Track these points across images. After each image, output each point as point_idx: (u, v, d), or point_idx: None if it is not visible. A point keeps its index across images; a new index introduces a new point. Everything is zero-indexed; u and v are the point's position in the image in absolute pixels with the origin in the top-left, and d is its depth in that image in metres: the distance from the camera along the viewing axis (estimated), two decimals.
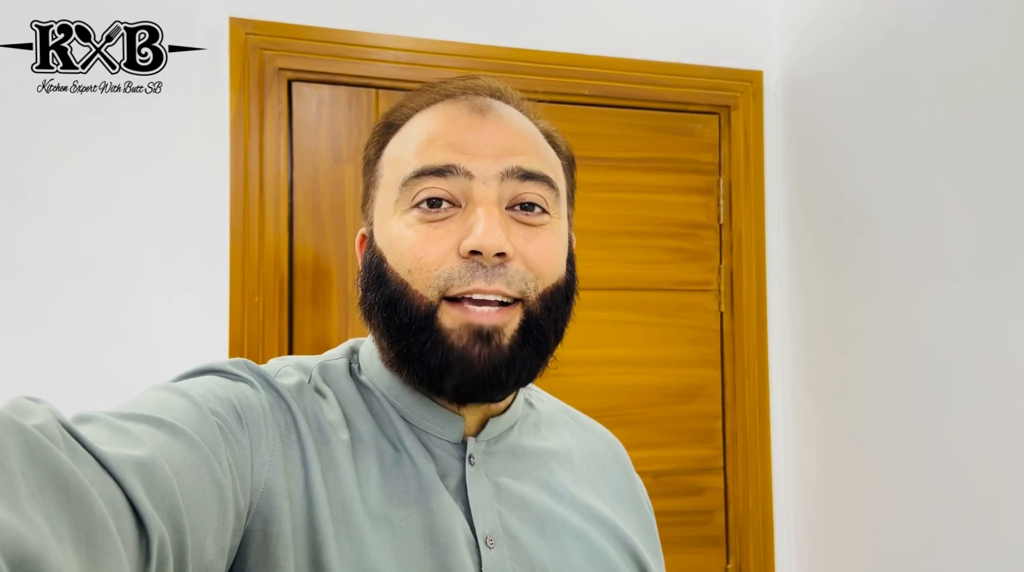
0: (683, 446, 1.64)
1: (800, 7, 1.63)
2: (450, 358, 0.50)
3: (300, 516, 0.48)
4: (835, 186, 1.51)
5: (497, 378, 0.51)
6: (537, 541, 0.56)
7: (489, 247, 0.50)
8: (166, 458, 0.39)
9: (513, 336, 0.52)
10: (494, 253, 0.50)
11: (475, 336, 0.50)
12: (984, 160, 1.15)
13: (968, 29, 1.17)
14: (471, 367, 0.50)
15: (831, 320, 1.52)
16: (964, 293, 1.18)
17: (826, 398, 1.54)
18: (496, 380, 0.51)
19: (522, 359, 0.52)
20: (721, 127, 1.70)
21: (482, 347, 0.50)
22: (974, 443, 1.16)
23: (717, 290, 1.69)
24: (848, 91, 1.47)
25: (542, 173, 0.55)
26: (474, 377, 0.51)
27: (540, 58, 1.56)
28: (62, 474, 0.31)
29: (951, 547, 1.20)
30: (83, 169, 1.32)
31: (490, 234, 0.50)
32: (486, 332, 0.50)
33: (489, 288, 0.50)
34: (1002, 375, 1.11)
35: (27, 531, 0.28)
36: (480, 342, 0.50)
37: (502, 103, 0.59)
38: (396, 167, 0.56)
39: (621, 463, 0.70)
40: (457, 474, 0.56)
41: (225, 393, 0.49)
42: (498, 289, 0.51)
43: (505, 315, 0.51)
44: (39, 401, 0.36)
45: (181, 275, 1.36)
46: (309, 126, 1.47)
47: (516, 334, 0.52)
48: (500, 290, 0.51)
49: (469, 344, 0.50)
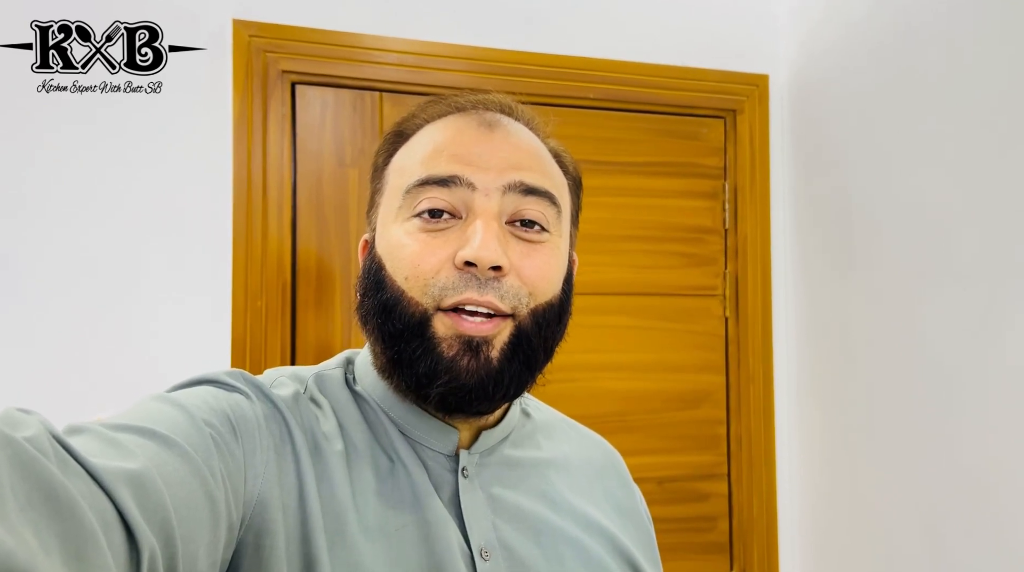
0: (687, 452, 1.63)
1: (806, 10, 1.62)
2: (438, 367, 0.51)
3: (294, 527, 0.48)
4: (841, 190, 1.50)
5: (483, 391, 0.51)
6: (533, 551, 0.55)
7: (484, 260, 0.50)
8: (158, 470, 0.38)
9: (503, 349, 0.52)
10: (489, 266, 0.50)
11: (464, 347, 0.50)
12: (992, 165, 1.14)
13: (977, 32, 1.16)
14: (458, 377, 0.50)
15: (837, 326, 1.51)
16: (972, 299, 1.17)
17: (831, 404, 1.53)
18: (482, 392, 0.51)
19: (511, 373, 0.52)
20: (727, 131, 1.69)
21: (471, 359, 0.50)
22: (981, 450, 1.15)
23: (722, 295, 1.68)
24: (854, 95, 1.46)
25: (545, 189, 0.55)
26: (460, 387, 0.51)
27: (545, 61, 1.56)
28: (52, 487, 0.31)
29: (957, 554, 1.19)
30: (83, 170, 1.32)
31: (486, 247, 0.50)
32: (476, 343, 0.51)
33: (481, 299, 0.50)
34: (1009, 382, 1.10)
35: (16, 545, 0.27)
36: (469, 353, 0.50)
37: (511, 119, 0.59)
38: (401, 175, 0.56)
39: (619, 472, 0.70)
40: (450, 486, 0.55)
41: (219, 404, 0.48)
42: (490, 301, 0.51)
43: (496, 326, 0.51)
44: (30, 413, 0.35)
45: (183, 278, 1.36)
46: (312, 129, 1.47)
47: (506, 347, 0.52)
48: (492, 302, 0.51)
49: (458, 355, 0.50)
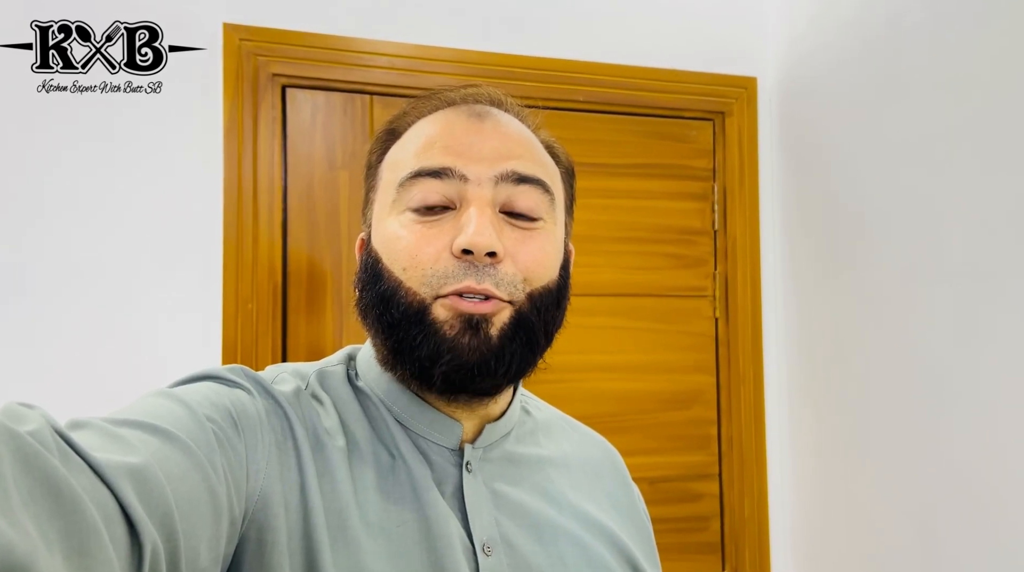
0: (678, 452, 1.64)
1: (794, 13, 1.64)
2: (441, 347, 0.51)
3: (295, 523, 0.48)
4: (830, 191, 1.52)
5: (486, 367, 0.51)
6: (534, 548, 0.56)
7: (480, 246, 0.50)
8: (160, 465, 0.38)
9: (503, 328, 0.52)
10: (484, 252, 0.51)
11: (465, 325, 0.51)
12: (982, 165, 1.15)
13: (964, 33, 1.18)
14: (460, 355, 0.51)
15: (827, 326, 1.52)
16: (961, 298, 1.18)
17: (822, 404, 1.54)
18: (485, 369, 0.51)
19: (512, 351, 0.52)
20: (715, 133, 1.71)
21: (472, 336, 0.51)
22: (972, 450, 1.16)
23: (712, 296, 1.69)
24: (843, 97, 1.48)
25: (537, 177, 0.55)
26: (463, 364, 0.51)
27: (535, 64, 1.57)
28: (54, 481, 0.31)
29: (949, 554, 1.20)
30: (83, 169, 1.32)
31: (480, 233, 0.51)
32: (476, 321, 0.51)
33: (479, 287, 0.51)
34: (1001, 383, 1.11)
35: (17, 539, 0.27)
36: (470, 331, 0.51)
37: (501, 111, 0.59)
38: (394, 170, 0.57)
39: (618, 470, 0.70)
40: (454, 481, 0.56)
41: (221, 399, 0.48)
42: (487, 288, 0.51)
43: (495, 306, 0.52)
44: (33, 407, 0.35)
45: (174, 281, 1.36)
46: (303, 132, 1.47)
47: (506, 327, 0.52)
48: (489, 289, 0.51)
49: (460, 333, 0.51)
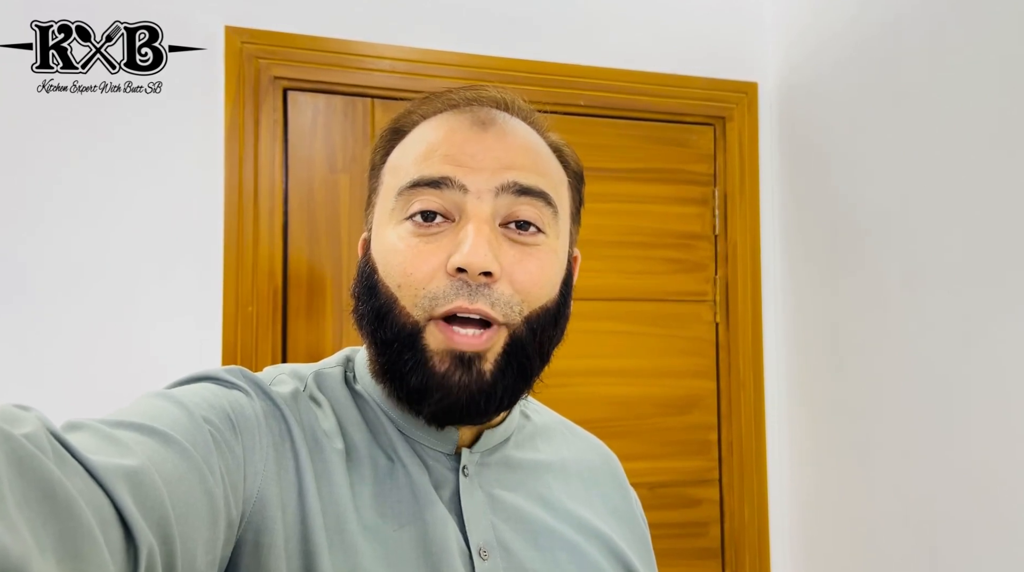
0: (678, 458, 1.64)
1: (794, 18, 1.64)
2: (430, 382, 0.50)
3: (293, 526, 0.47)
4: (830, 196, 1.52)
5: (475, 406, 0.50)
6: (531, 553, 0.55)
7: (475, 266, 0.49)
8: (156, 467, 0.38)
9: (496, 361, 0.51)
10: (479, 272, 0.49)
11: (456, 362, 0.50)
12: (981, 170, 1.15)
13: (964, 37, 1.18)
14: (449, 393, 0.50)
15: (827, 331, 1.52)
16: (960, 302, 1.18)
17: (822, 409, 1.54)
18: (474, 408, 0.51)
19: (504, 385, 0.51)
20: (716, 138, 1.71)
21: (463, 374, 0.50)
22: (970, 452, 1.16)
23: (712, 301, 1.69)
24: (843, 101, 1.48)
25: (539, 189, 0.54)
26: (452, 403, 0.50)
27: (536, 68, 1.57)
28: (49, 484, 0.31)
29: (948, 557, 1.20)
30: (83, 170, 1.32)
31: (476, 253, 0.49)
32: (467, 358, 0.50)
33: (471, 307, 0.50)
34: (1000, 387, 1.11)
35: (11, 542, 0.27)
36: (461, 368, 0.50)
37: (508, 115, 0.57)
38: (395, 175, 0.55)
39: (616, 476, 0.70)
40: (451, 485, 0.55)
41: (219, 401, 0.48)
42: (480, 308, 0.50)
43: (488, 340, 0.50)
44: (28, 409, 0.35)
45: (173, 283, 1.35)
46: (304, 135, 1.47)
47: (499, 359, 0.51)
48: (482, 310, 0.50)
49: (450, 370, 0.50)
